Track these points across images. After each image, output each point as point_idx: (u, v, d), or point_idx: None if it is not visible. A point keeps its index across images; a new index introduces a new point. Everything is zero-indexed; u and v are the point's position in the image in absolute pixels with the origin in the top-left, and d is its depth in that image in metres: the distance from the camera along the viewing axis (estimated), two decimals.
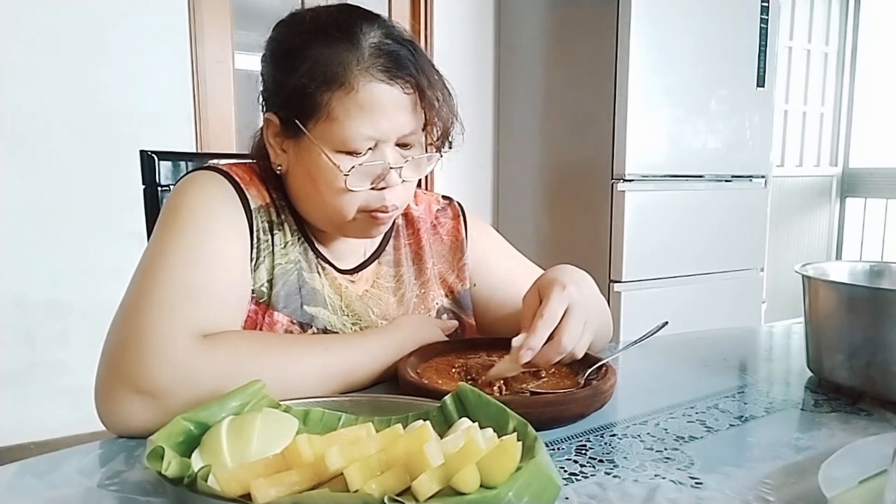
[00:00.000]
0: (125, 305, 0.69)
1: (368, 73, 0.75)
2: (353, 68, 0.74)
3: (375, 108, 0.75)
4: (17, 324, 2.20)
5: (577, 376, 0.73)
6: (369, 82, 0.74)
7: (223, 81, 2.46)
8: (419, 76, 0.77)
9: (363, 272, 0.90)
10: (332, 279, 0.87)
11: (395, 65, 0.76)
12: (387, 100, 0.75)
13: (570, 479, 0.55)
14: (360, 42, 0.76)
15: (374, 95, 0.75)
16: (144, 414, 0.63)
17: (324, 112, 0.75)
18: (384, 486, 0.44)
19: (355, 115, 0.75)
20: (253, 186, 0.83)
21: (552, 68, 2.68)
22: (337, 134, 0.75)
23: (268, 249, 0.81)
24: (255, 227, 0.80)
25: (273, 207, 0.84)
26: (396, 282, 0.93)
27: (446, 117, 0.81)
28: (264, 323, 0.80)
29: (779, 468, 0.57)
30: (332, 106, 0.75)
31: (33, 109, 2.16)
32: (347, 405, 0.63)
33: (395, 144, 0.78)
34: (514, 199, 2.95)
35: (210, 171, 0.81)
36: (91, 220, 2.26)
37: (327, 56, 0.75)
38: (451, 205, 1.02)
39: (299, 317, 0.82)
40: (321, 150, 0.76)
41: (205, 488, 0.44)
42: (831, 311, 0.77)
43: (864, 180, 3.77)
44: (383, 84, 0.75)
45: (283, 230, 0.83)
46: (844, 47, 3.78)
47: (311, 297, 0.84)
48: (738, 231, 2.64)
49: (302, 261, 0.84)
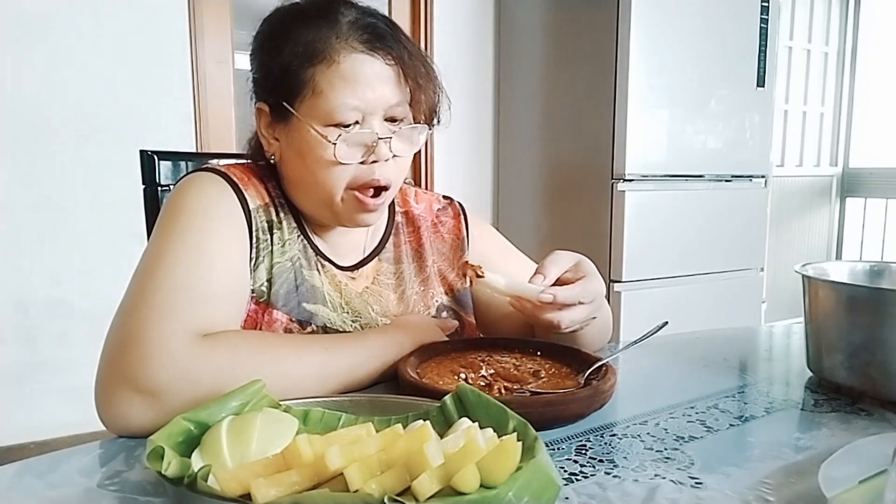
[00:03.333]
0: (125, 305, 0.69)
1: (348, 44, 0.77)
2: (332, 42, 0.77)
3: (358, 78, 0.77)
4: (17, 324, 2.20)
5: (577, 376, 0.73)
6: (350, 53, 0.77)
7: (223, 81, 2.46)
8: (398, 47, 0.79)
9: (363, 269, 0.91)
10: (331, 276, 0.87)
11: (373, 36, 0.78)
12: (369, 70, 0.77)
13: (570, 479, 0.55)
14: (338, 19, 0.78)
15: (356, 66, 0.77)
16: (144, 413, 0.63)
17: (308, 88, 0.77)
18: (384, 486, 0.44)
19: (339, 86, 0.76)
20: (251, 186, 0.83)
21: (552, 68, 2.68)
22: (322, 107, 0.77)
23: (267, 249, 0.81)
24: (254, 227, 0.80)
25: (272, 206, 0.84)
26: (397, 279, 0.93)
27: (431, 91, 0.83)
28: (263, 322, 0.80)
29: (779, 468, 0.57)
30: (317, 80, 0.77)
31: (33, 109, 2.16)
32: (347, 405, 0.63)
33: (383, 120, 0.80)
34: (514, 199, 2.95)
35: (208, 171, 0.82)
36: (91, 220, 2.26)
37: (308, 35, 0.78)
38: (452, 204, 1.03)
39: (298, 314, 0.82)
40: (309, 126, 0.77)
41: (205, 488, 0.44)
42: (831, 311, 0.77)
43: (864, 180, 3.76)
44: (364, 55, 0.77)
45: (281, 228, 0.84)
46: (844, 47, 3.78)
47: (310, 295, 0.84)
48: (738, 231, 2.64)
49: (301, 258, 0.84)
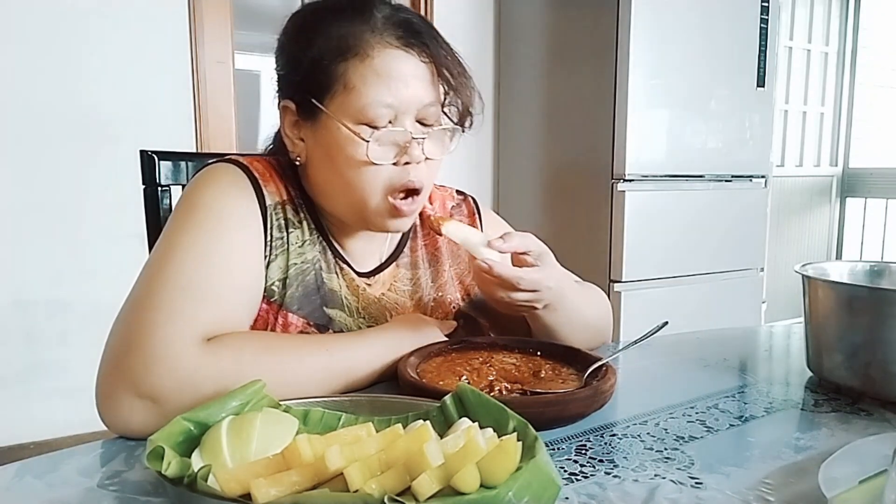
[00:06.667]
0: (131, 302, 0.68)
1: (383, 39, 0.74)
2: (366, 36, 0.74)
3: (392, 74, 0.74)
4: (17, 324, 2.20)
5: (578, 376, 0.73)
6: (384, 48, 0.74)
7: (223, 81, 2.46)
8: (434, 45, 0.77)
9: (380, 275, 0.89)
10: (349, 280, 0.85)
11: (408, 32, 0.76)
12: (403, 67, 0.75)
13: (570, 479, 0.55)
14: (373, 14, 0.76)
15: (390, 62, 0.74)
16: (145, 417, 0.62)
17: (340, 83, 0.74)
18: (384, 486, 0.44)
19: (372, 81, 0.74)
20: (271, 182, 0.81)
21: (552, 68, 2.67)
22: (354, 103, 0.74)
23: (282, 247, 0.80)
24: (269, 224, 0.79)
25: (291, 205, 0.82)
26: (413, 285, 0.92)
27: (466, 93, 0.80)
28: (277, 324, 0.79)
29: (779, 468, 0.57)
30: (349, 76, 0.74)
31: (33, 109, 2.16)
32: (347, 405, 0.63)
33: (415, 121, 0.77)
34: (514, 199, 2.95)
35: (229, 163, 0.80)
36: (91, 220, 2.26)
37: (340, 28, 0.75)
38: (466, 201, 1.01)
39: (317, 318, 0.81)
40: (340, 123, 0.75)
41: (205, 488, 0.44)
42: (831, 311, 0.77)
43: (864, 180, 3.76)
44: (398, 50, 0.75)
45: (300, 228, 0.82)
46: (844, 47, 3.78)
47: (330, 298, 0.83)
48: (738, 231, 2.64)
49: (321, 260, 0.83)
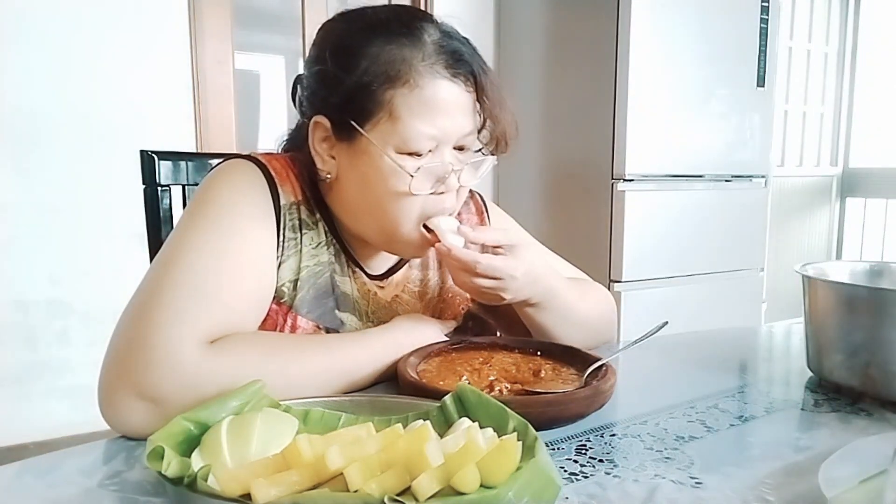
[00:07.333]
0: (138, 299, 0.67)
1: (433, 69, 0.73)
2: (416, 64, 0.72)
3: (439, 105, 0.73)
4: (17, 324, 2.20)
5: (578, 376, 0.73)
6: (433, 79, 0.73)
7: (223, 81, 2.46)
8: (481, 75, 0.76)
9: (392, 277, 0.89)
10: (361, 283, 0.85)
11: (457, 61, 0.74)
12: (449, 98, 0.74)
13: (570, 479, 0.55)
14: (422, 38, 0.74)
15: (438, 93, 0.73)
16: (146, 418, 0.62)
17: (385, 111, 0.72)
18: (384, 486, 0.44)
19: (419, 112, 0.72)
20: (288, 182, 0.80)
21: (552, 68, 2.67)
22: (400, 133, 0.72)
23: (294, 248, 0.79)
24: (282, 224, 0.78)
25: (305, 206, 0.81)
26: (422, 286, 0.92)
27: (504, 122, 0.80)
28: (286, 325, 0.78)
29: (779, 468, 0.57)
30: (395, 104, 0.72)
31: (33, 109, 2.16)
32: (347, 405, 0.63)
33: (452, 148, 0.77)
34: (514, 199, 2.95)
35: (246, 159, 0.79)
36: (91, 220, 2.26)
37: (389, 53, 0.72)
38: (474, 198, 1.00)
39: (329, 322, 0.80)
40: (383, 152, 0.73)
41: (205, 488, 0.44)
42: (831, 311, 0.77)
43: (864, 180, 3.76)
44: (446, 81, 0.73)
45: (315, 229, 0.81)
46: (844, 47, 3.78)
47: (342, 301, 0.82)
48: (738, 231, 2.64)
49: (335, 263, 0.83)
